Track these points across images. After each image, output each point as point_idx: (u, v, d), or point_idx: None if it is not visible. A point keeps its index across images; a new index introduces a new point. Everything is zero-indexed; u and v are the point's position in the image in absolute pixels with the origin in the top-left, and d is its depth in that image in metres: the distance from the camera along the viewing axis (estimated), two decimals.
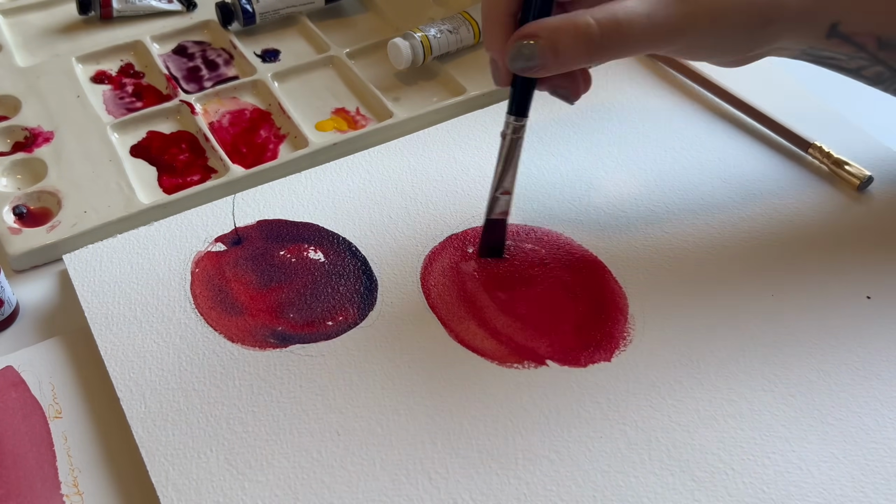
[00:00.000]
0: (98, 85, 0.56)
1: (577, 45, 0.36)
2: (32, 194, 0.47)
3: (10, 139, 0.51)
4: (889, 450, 0.35)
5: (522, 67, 0.37)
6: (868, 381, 0.38)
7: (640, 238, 0.44)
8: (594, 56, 0.37)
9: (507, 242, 0.44)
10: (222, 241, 0.44)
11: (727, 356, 0.39)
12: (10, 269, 0.45)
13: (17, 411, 0.37)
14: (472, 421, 0.36)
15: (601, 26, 0.36)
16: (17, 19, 0.62)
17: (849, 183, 0.47)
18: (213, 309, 0.41)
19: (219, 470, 0.35)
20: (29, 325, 0.42)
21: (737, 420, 0.36)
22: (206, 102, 0.54)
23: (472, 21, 0.57)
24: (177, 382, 0.38)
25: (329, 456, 0.35)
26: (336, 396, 0.37)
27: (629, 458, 0.35)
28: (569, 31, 0.36)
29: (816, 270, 0.42)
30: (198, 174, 0.49)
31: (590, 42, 0.36)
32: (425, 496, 0.34)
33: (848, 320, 0.40)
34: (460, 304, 0.41)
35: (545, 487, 0.34)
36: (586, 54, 0.36)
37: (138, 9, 0.61)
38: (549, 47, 0.36)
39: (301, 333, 0.40)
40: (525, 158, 0.49)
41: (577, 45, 0.36)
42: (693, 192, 0.47)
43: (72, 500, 0.34)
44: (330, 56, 0.57)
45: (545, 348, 0.39)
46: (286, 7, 0.60)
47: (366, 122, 0.53)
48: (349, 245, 0.44)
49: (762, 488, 0.34)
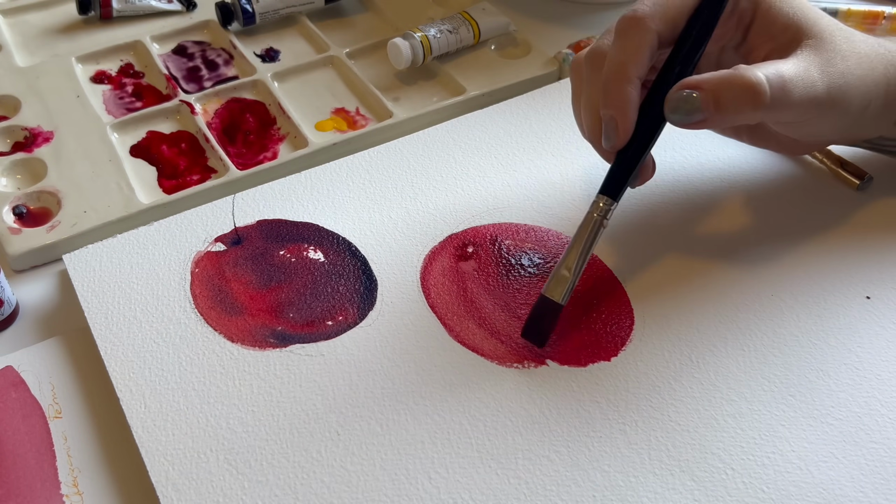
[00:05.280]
0: (98, 85, 0.56)
1: (744, 101, 0.35)
2: (32, 194, 0.47)
3: (9, 139, 0.51)
4: (889, 450, 0.35)
5: (681, 120, 0.36)
6: (868, 381, 0.38)
7: (641, 238, 0.44)
8: (758, 114, 0.36)
9: (507, 241, 0.44)
10: (222, 240, 0.44)
11: (727, 356, 0.39)
12: (9, 269, 0.45)
13: (17, 411, 0.37)
14: (472, 421, 0.36)
15: (771, 85, 0.35)
16: (16, 19, 0.62)
17: (849, 183, 0.47)
18: (213, 309, 0.41)
19: (219, 470, 0.35)
20: (29, 325, 0.42)
21: (737, 420, 0.36)
22: (206, 102, 0.54)
23: (471, 21, 0.57)
24: (177, 382, 0.38)
25: (329, 456, 0.35)
26: (336, 396, 0.37)
27: (629, 458, 0.35)
28: (735, 85, 0.35)
29: (816, 270, 0.42)
30: (197, 174, 0.49)
31: (758, 98, 0.35)
32: (425, 496, 0.34)
33: (847, 320, 0.40)
34: (460, 304, 0.41)
35: (545, 487, 0.34)
36: (752, 111, 0.36)
37: (138, 9, 0.61)
38: (712, 101, 0.35)
39: (301, 333, 0.40)
40: (525, 158, 0.49)
41: (744, 101, 0.35)
42: (693, 191, 0.47)
43: (72, 500, 0.34)
44: (330, 56, 0.57)
45: (545, 348, 0.39)
46: (286, 7, 0.60)
47: (366, 122, 0.53)
48: (349, 245, 0.44)
49: (762, 488, 0.34)
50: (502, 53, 0.58)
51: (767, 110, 0.36)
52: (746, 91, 0.35)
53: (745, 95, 0.35)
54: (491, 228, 0.45)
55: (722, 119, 0.36)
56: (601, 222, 0.38)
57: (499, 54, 0.58)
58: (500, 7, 0.60)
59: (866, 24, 0.59)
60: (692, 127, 0.37)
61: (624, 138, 0.37)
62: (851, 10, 0.59)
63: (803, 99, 0.37)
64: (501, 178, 0.48)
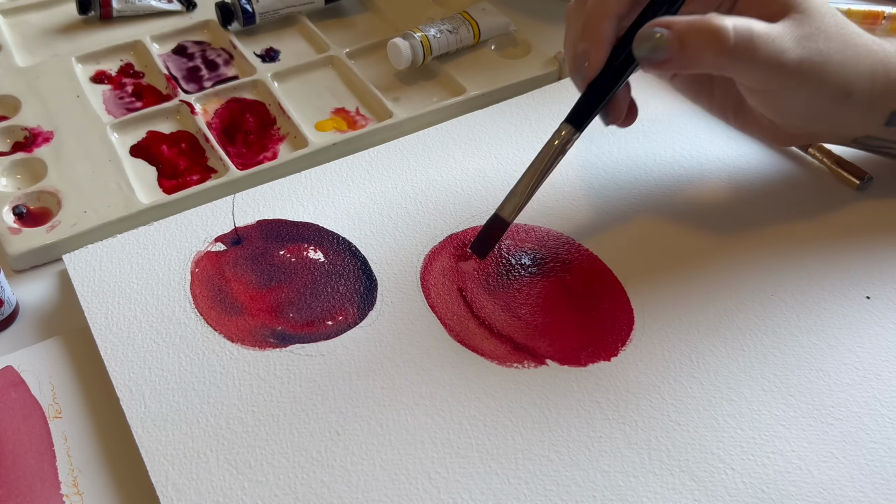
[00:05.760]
0: (98, 85, 0.56)
1: (706, 46, 0.36)
2: (32, 194, 0.47)
3: (9, 139, 0.51)
4: (889, 450, 0.35)
5: (646, 56, 0.37)
6: (868, 381, 0.38)
7: (641, 238, 0.44)
8: (719, 61, 0.37)
9: (507, 241, 0.44)
10: (222, 240, 0.44)
11: (727, 356, 0.39)
12: (9, 269, 0.45)
13: (17, 411, 0.37)
14: (472, 421, 0.36)
15: (737, 33, 0.36)
16: (17, 19, 0.62)
17: (848, 183, 0.47)
18: (213, 309, 0.41)
19: (219, 470, 0.35)
20: (29, 325, 0.42)
21: (737, 420, 0.36)
22: (206, 102, 0.54)
23: (471, 21, 0.57)
24: (177, 382, 0.38)
25: (329, 456, 0.35)
26: (336, 396, 0.37)
27: (629, 458, 0.35)
28: (702, 29, 0.36)
29: (816, 270, 0.42)
30: (197, 174, 0.49)
31: (721, 46, 0.36)
32: (425, 496, 0.34)
33: (847, 320, 0.40)
34: (460, 304, 0.41)
35: (545, 487, 0.34)
36: (713, 57, 0.36)
37: (138, 9, 0.61)
38: (677, 41, 0.36)
39: (301, 333, 0.40)
40: (525, 158, 0.49)
41: (707, 45, 0.36)
42: (693, 191, 0.47)
43: (72, 500, 0.34)
44: (330, 56, 0.57)
45: (545, 348, 0.39)
46: (286, 7, 0.60)
47: (365, 122, 0.53)
48: (349, 245, 0.44)
49: (762, 488, 0.34)
50: (502, 53, 0.58)
51: (730, 58, 0.36)
52: (711, 34, 0.36)
53: (709, 38, 0.36)
54: None
55: (685, 59, 0.37)
56: (561, 149, 0.39)
57: (499, 54, 0.58)
58: (500, 7, 0.60)
59: (866, 24, 0.59)
60: (657, 67, 0.37)
61: (594, 70, 0.39)
62: (851, 10, 0.59)
63: (769, 59, 0.37)
64: (501, 178, 0.48)
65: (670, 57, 0.37)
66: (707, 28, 0.36)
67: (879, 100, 0.41)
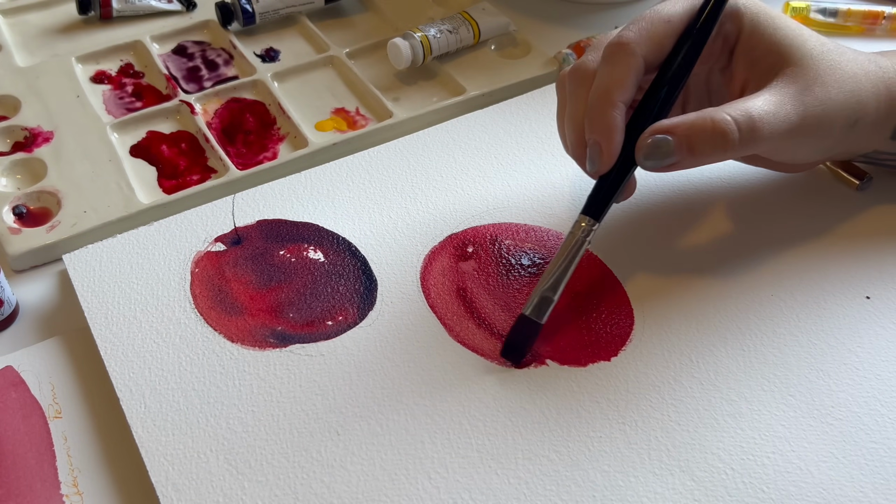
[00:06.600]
0: (98, 85, 0.56)
1: (714, 143, 0.36)
2: (32, 194, 0.47)
3: (9, 139, 0.51)
4: (889, 450, 0.35)
5: (655, 165, 0.37)
6: (867, 381, 0.38)
7: (641, 238, 0.44)
8: (729, 154, 0.37)
9: (507, 241, 0.44)
10: (222, 240, 0.44)
11: (727, 356, 0.39)
12: (9, 269, 0.45)
13: (17, 411, 0.37)
14: (472, 421, 0.36)
15: (739, 126, 0.36)
16: (16, 19, 0.62)
17: (849, 183, 0.47)
18: (213, 309, 0.41)
19: (219, 470, 0.35)
20: (29, 325, 0.42)
21: (736, 420, 0.36)
22: (206, 102, 0.54)
23: (471, 21, 0.57)
24: (177, 382, 0.38)
25: (329, 456, 0.35)
26: (336, 396, 0.37)
27: (629, 458, 0.35)
28: (706, 129, 0.36)
29: (816, 270, 0.42)
30: (197, 174, 0.49)
31: (727, 140, 0.36)
32: (425, 496, 0.34)
33: (847, 320, 0.40)
34: (460, 304, 0.41)
35: (545, 487, 0.34)
36: (723, 152, 0.36)
37: (138, 9, 0.61)
38: (685, 145, 0.36)
39: (301, 333, 0.40)
40: (525, 158, 0.49)
41: (715, 142, 0.36)
42: (693, 191, 0.47)
43: (72, 500, 0.34)
44: (330, 56, 0.57)
45: (545, 348, 0.39)
46: (286, 7, 0.60)
47: (365, 122, 0.53)
48: (349, 245, 0.44)
49: (762, 488, 0.34)
50: (502, 53, 0.58)
51: (740, 150, 0.36)
52: (717, 135, 0.36)
53: (714, 138, 0.36)
54: (491, 228, 0.45)
55: (695, 161, 0.37)
56: (584, 241, 0.38)
57: (499, 54, 0.58)
58: (500, 7, 0.60)
59: (866, 24, 0.59)
60: (667, 170, 0.37)
61: (608, 163, 0.38)
62: (851, 10, 0.59)
63: (774, 133, 0.37)
64: (501, 178, 0.48)
65: (680, 161, 0.37)
66: (711, 129, 0.36)
67: (885, 118, 0.41)
